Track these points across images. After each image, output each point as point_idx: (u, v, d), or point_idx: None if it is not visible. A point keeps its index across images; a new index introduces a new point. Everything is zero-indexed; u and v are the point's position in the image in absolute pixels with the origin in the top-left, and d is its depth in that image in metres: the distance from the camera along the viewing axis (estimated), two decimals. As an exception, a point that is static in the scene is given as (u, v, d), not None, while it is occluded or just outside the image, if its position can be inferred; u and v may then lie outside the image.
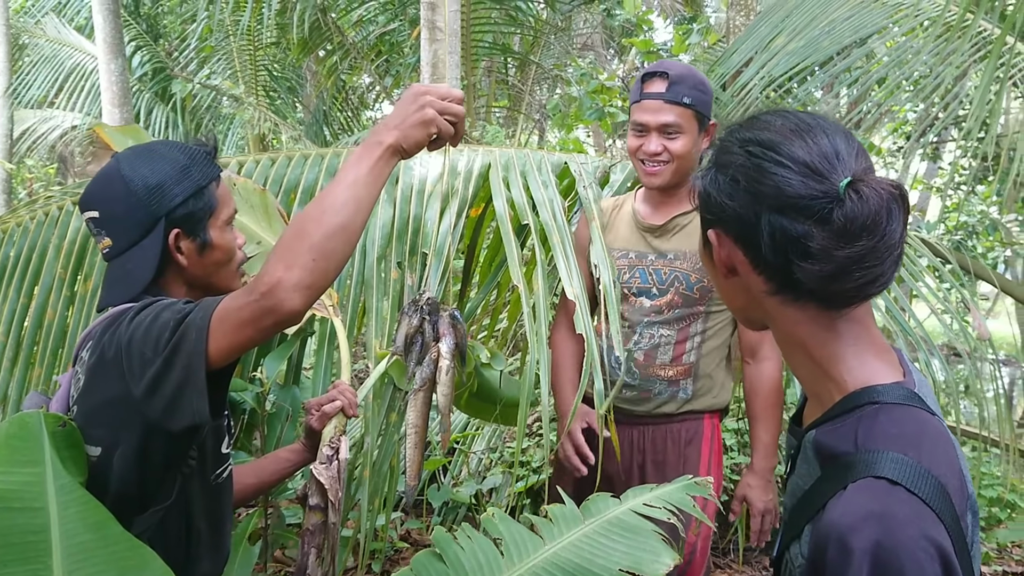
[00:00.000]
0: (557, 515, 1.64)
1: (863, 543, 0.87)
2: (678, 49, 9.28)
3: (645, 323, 2.42)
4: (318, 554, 2.06)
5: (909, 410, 0.99)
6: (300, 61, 8.66)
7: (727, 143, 1.08)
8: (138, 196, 1.51)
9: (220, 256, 1.60)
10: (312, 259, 1.31)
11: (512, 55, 8.61)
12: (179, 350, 1.35)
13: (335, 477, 2.04)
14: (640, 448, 2.45)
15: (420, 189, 2.57)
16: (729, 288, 1.12)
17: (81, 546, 1.32)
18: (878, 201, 0.95)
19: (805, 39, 5.10)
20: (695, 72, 2.36)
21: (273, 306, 1.30)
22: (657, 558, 1.50)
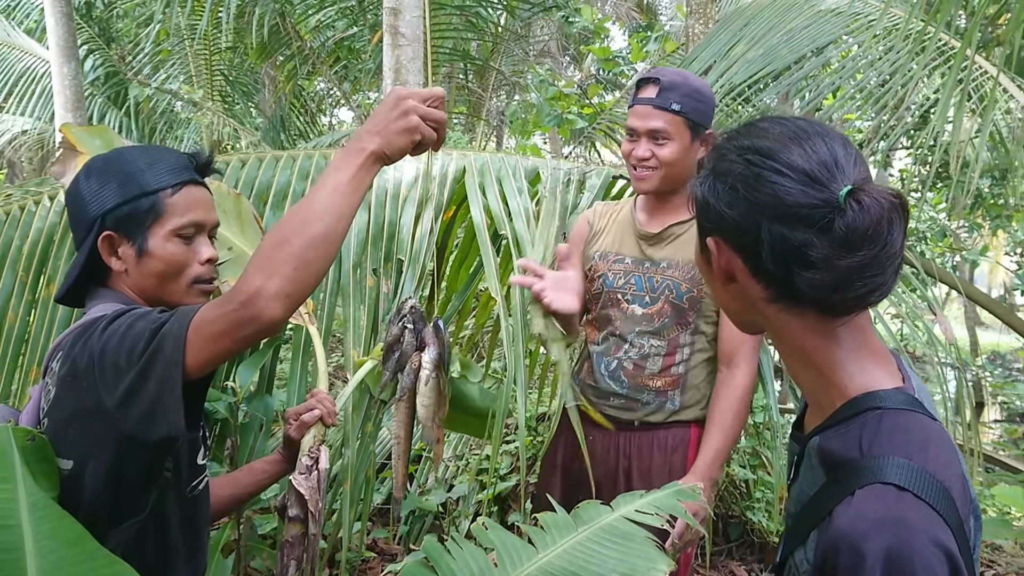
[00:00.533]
0: (549, 523, 1.63)
1: (875, 549, 0.88)
2: (635, 57, 9.36)
3: (636, 333, 2.41)
4: (298, 566, 2.03)
5: (912, 415, 1.00)
6: (258, 66, 8.56)
7: (724, 150, 1.08)
8: (83, 197, 1.52)
9: (159, 267, 1.52)
10: (293, 268, 1.28)
11: (472, 61, 8.60)
12: (154, 361, 1.32)
13: (315, 487, 2.01)
14: (626, 454, 2.44)
15: (395, 193, 2.55)
16: (727, 294, 1.12)
17: (57, 562, 1.27)
18: (879, 211, 0.95)
19: (764, 47, 5.15)
20: (691, 80, 2.33)
21: (252, 316, 1.27)
22: (652, 564, 1.50)
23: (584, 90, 9.55)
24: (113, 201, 1.50)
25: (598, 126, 8.79)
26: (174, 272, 1.54)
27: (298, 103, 8.88)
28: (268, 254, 1.29)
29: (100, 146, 2.28)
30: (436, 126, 1.42)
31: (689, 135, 2.32)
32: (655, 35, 9.36)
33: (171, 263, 1.53)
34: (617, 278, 2.46)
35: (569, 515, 1.66)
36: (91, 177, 1.53)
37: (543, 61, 10.67)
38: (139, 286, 1.54)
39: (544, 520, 1.64)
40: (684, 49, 7.14)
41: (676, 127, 2.30)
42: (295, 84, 8.35)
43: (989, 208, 8.33)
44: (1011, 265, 8.49)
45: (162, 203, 1.51)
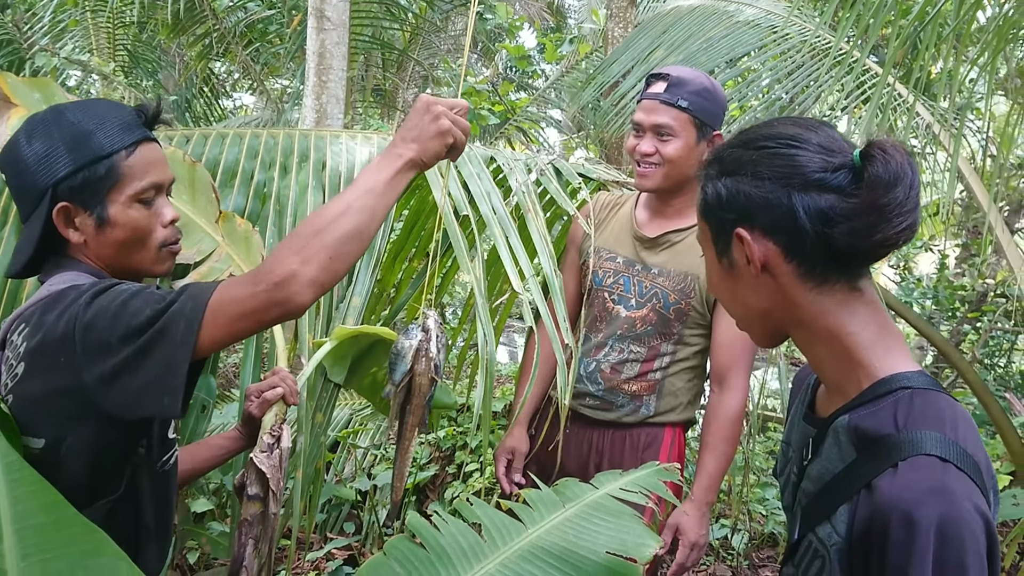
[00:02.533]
0: (535, 499, 1.65)
1: (928, 516, 0.93)
2: (550, 57, 9.48)
3: (617, 336, 2.40)
4: (255, 545, 1.99)
5: (939, 395, 1.08)
6: (169, 43, 8.28)
7: (724, 154, 1.16)
8: (27, 164, 1.41)
9: (122, 235, 1.44)
10: (328, 257, 1.31)
11: (391, 50, 8.53)
12: (159, 342, 1.28)
13: (276, 466, 1.98)
14: (598, 449, 2.45)
15: (348, 176, 2.52)
16: (758, 294, 1.15)
17: (35, 529, 1.20)
18: (899, 155, 1.04)
19: (684, 53, 5.27)
20: (702, 78, 2.30)
21: (285, 298, 1.28)
22: (642, 541, 1.54)
23: (496, 87, 9.60)
24: (65, 169, 1.40)
25: (511, 124, 8.87)
26: (139, 238, 1.46)
27: (208, 85, 8.61)
28: (305, 240, 1.30)
29: (39, 100, 2.10)
30: (463, 133, 1.48)
31: (695, 133, 2.29)
32: (570, 37, 9.49)
33: (135, 230, 1.45)
34: (606, 276, 2.44)
35: (553, 492, 1.68)
36: (33, 141, 1.41)
37: (457, 56, 10.67)
38: (102, 256, 1.46)
39: (530, 496, 1.65)
40: (603, 52, 7.25)
41: (681, 124, 2.27)
42: (206, 65, 8.10)
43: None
44: (895, 277, 8.91)
45: (119, 167, 1.42)
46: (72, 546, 1.21)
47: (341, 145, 2.60)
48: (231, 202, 2.39)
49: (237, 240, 2.17)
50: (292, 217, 2.42)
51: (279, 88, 10.22)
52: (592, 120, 9.39)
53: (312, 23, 5.19)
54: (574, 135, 12.17)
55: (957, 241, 9.08)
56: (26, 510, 1.21)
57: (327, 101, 5.28)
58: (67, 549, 1.20)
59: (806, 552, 1.13)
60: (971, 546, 0.94)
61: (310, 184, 2.46)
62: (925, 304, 7.49)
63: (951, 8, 3.32)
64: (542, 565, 1.48)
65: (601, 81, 6.06)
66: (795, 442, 1.28)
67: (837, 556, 1.05)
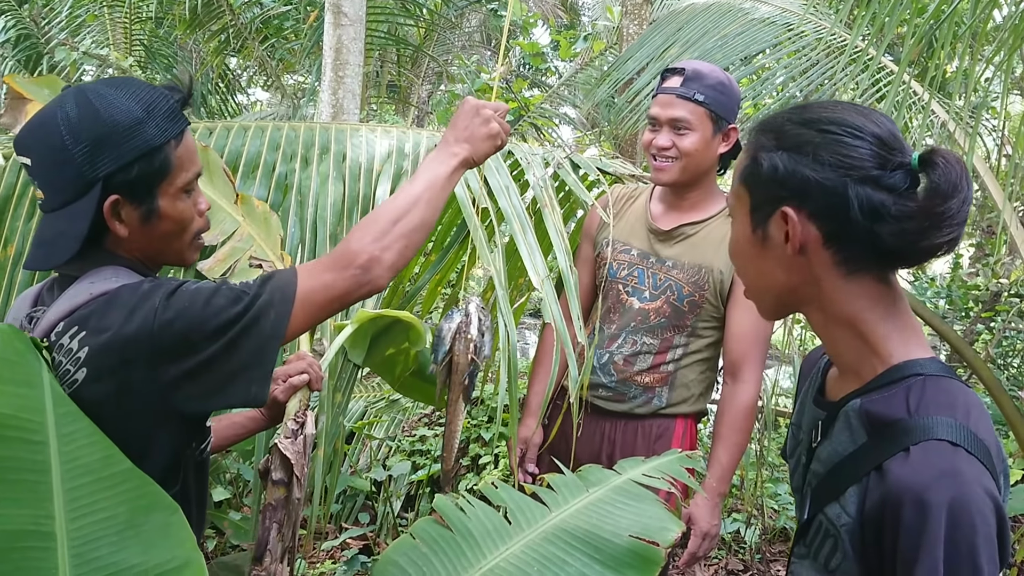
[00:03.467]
0: (558, 483, 1.68)
1: (940, 499, 0.96)
2: (564, 54, 9.49)
3: (631, 328, 2.42)
4: (279, 530, 2.02)
5: (951, 382, 1.10)
6: (185, 38, 8.32)
7: (783, 126, 1.15)
8: (72, 152, 1.31)
9: (169, 227, 1.41)
10: (404, 244, 1.41)
11: (407, 46, 8.56)
12: (248, 334, 1.30)
13: (300, 452, 2.01)
14: (611, 439, 2.47)
15: (368, 168, 2.55)
16: (784, 267, 1.16)
17: (87, 487, 1.19)
18: (959, 166, 1.05)
19: (699, 51, 5.27)
20: (717, 72, 2.32)
21: (370, 280, 1.37)
22: (664, 525, 1.57)
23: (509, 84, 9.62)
24: (118, 161, 1.32)
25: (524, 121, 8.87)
26: (181, 230, 1.44)
27: (224, 81, 8.65)
28: (383, 229, 1.39)
29: (48, 96, 2.13)
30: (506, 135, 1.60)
31: (711, 127, 2.31)
32: (584, 34, 9.50)
33: (180, 221, 1.42)
34: (620, 268, 2.45)
35: (576, 477, 1.71)
36: (79, 127, 1.32)
37: (470, 53, 10.69)
38: (143, 248, 1.43)
39: (553, 480, 1.69)
40: (617, 49, 7.26)
41: (698, 118, 2.29)
42: (222, 60, 8.15)
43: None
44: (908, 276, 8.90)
45: (171, 158, 1.37)
46: (124, 504, 1.21)
47: (361, 138, 2.63)
48: (253, 193, 2.42)
49: (257, 220, 2.21)
50: (313, 207, 2.45)
51: (294, 84, 10.27)
52: (606, 117, 9.41)
53: (329, 19, 5.23)
54: (588, 132, 12.18)
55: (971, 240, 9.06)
56: (81, 466, 1.19)
57: (343, 96, 5.31)
58: (119, 508, 1.20)
59: (817, 532, 1.16)
60: (981, 528, 0.96)
61: (331, 175, 2.50)
62: (939, 304, 7.49)
63: (967, 7, 3.33)
64: (565, 547, 1.51)
65: (616, 78, 6.07)
66: (805, 424, 1.30)
67: (848, 536, 1.08)
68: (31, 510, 1.15)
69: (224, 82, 8.65)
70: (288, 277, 1.35)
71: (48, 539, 1.15)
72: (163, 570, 1.19)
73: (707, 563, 4.33)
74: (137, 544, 1.19)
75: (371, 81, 8.05)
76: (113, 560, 1.17)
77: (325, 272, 1.36)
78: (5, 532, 1.12)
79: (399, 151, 2.62)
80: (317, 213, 2.44)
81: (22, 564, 1.13)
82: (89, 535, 1.17)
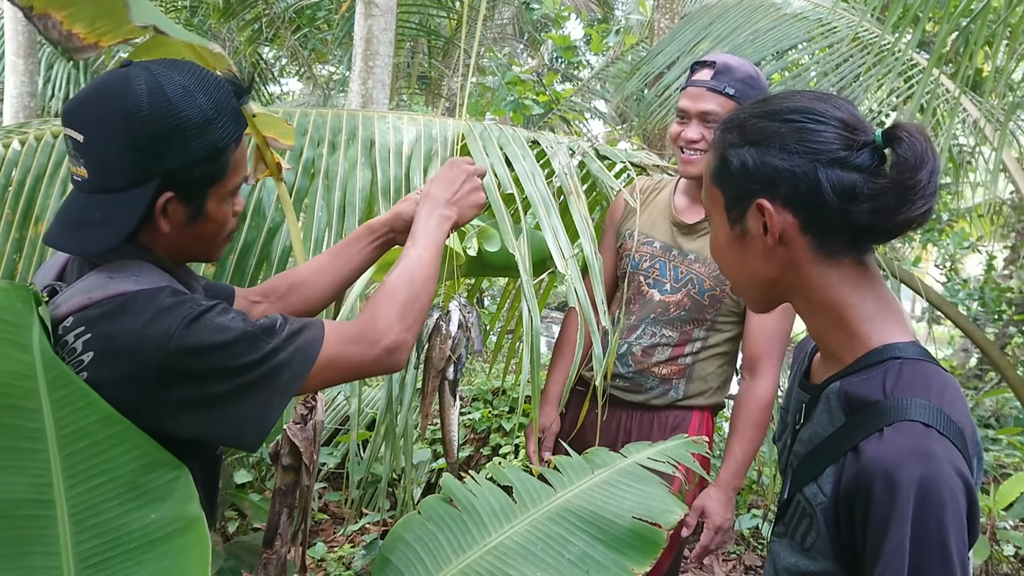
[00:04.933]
0: (565, 465, 1.70)
1: (909, 477, 0.97)
2: (596, 48, 9.48)
3: (650, 320, 2.42)
4: (289, 514, 2.05)
5: (928, 365, 1.11)
6: (219, 28, 8.41)
7: (745, 122, 1.16)
8: (137, 142, 1.24)
9: (211, 229, 1.38)
10: (420, 324, 1.44)
11: (438, 37, 8.59)
12: (260, 385, 1.25)
13: (309, 439, 2.04)
14: (627, 430, 2.47)
15: (397, 152, 2.56)
16: (765, 259, 1.17)
17: (84, 451, 1.16)
18: (924, 141, 1.06)
19: (730, 45, 5.24)
20: (747, 66, 2.31)
21: (394, 363, 1.37)
22: (667, 507, 1.58)
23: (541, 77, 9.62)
24: (180, 159, 1.27)
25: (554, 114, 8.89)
26: (220, 231, 1.41)
27: (256, 71, 8.74)
28: (405, 307, 1.40)
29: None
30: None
31: None
32: (616, 28, 9.48)
33: (222, 223, 1.39)
34: (643, 260, 2.45)
35: (582, 459, 1.73)
36: (148, 118, 1.24)
37: (501, 45, 10.70)
38: (175, 244, 1.37)
39: (560, 462, 1.70)
40: (649, 43, 7.24)
41: (727, 111, 2.23)
42: (255, 50, 8.23)
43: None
44: (940, 277, 8.80)
45: (228, 161, 1.33)
46: (124, 465, 1.18)
47: (388, 124, 2.65)
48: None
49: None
50: (341, 191, 2.46)
51: (326, 74, 10.34)
52: (635, 111, 9.38)
53: (360, 9, 5.26)
54: (618, 126, 12.15)
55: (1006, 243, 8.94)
56: (77, 430, 1.16)
57: (373, 86, 5.34)
58: (120, 470, 1.17)
59: (795, 511, 1.17)
60: (950, 506, 0.97)
61: (359, 160, 2.51)
62: (971, 306, 7.41)
63: (1001, 3, 3.29)
64: (569, 527, 1.53)
65: (646, 72, 6.06)
66: (791, 408, 1.31)
67: (823, 515, 1.09)
68: (30, 478, 1.12)
69: (257, 71, 8.73)
70: (315, 337, 1.31)
71: (48, 507, 1.13)
72: (166, 531, 1.17)
73: (725, 558, 4.32)
74: (139, 506, 1.17)
75: (401, 72, 8.08)
76: (115, 525, 1.16)
77: (352, 344, 1.34)
78: (7, 500, 1.11)
79: (427, 136, 2.63)
80: (346, 198, 2.46)
81: (23, 533, 1.11)
82: (89, 500, 1.15)
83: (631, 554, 1.51)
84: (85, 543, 1.15)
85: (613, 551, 1.51)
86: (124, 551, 1.16)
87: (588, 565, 1.49)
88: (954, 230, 9.01)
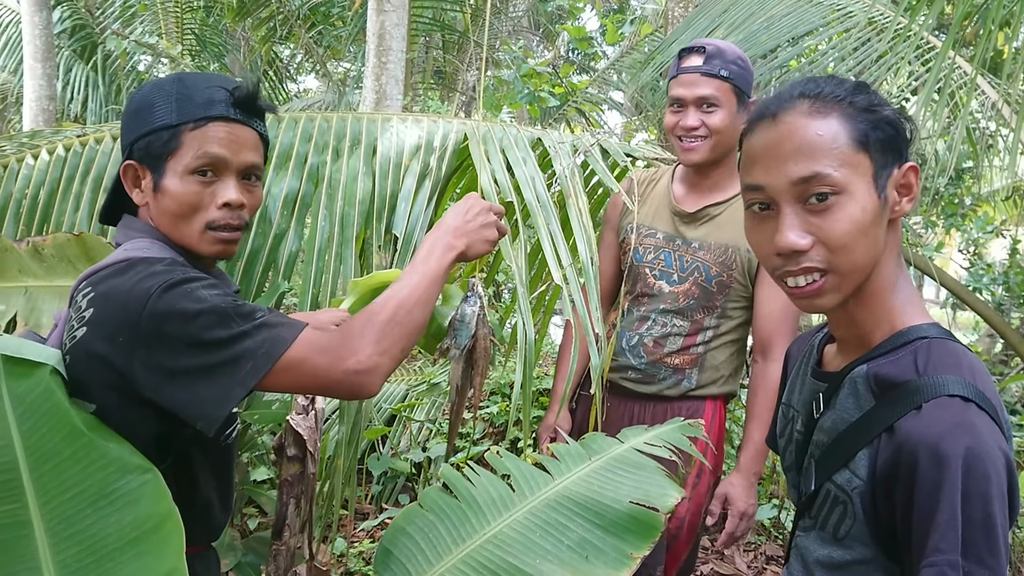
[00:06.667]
0: (562, 452, 1.69)
1: (956, 449, 0.97)
2: (611, 39, 9.43)
3: (660, 310, 2.41)
4: (296, 504, 2.06)
5: (954, 344, 1.11)
6: (234, 26, 8.46)
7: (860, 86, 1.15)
8: (126, 119, 1.50)
9: (172, 206, 1.45)
10: (400, 349, 1.36)
11: (452, 31, 8.59)
12: (220, 371, 1.28)
13: (312, 427, 2.05)
14: (640, 422, 2.43)
15: (397, 162, 2.55)
16: (884, 233, 1.14)
17: (54, 469, 1.23)
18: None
19: (744, 33, 5.21)
20: (734, 48, 2.33)
21: (360, 385, 1.32)
22: (664, 491, 1.58)
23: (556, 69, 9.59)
24: (140, 130, 1.45)
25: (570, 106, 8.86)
26: (186, 213, 1.45)
27: (272, 68, 8.79)
28: (383, 330, 1.35)
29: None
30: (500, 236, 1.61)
31: (736, 102, 2.30)
32: (631, 17, 9.42)
33: (182, 203, 1.45)
34: (647, 252, 2.44)
35: (579, 445, 1.72)
36: (139, 100, 1.49)
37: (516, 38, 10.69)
38: (158, 224, 1.48)
39: (557, 450, 1.70)
40: (663, 32, 7.20)
41: (724, 94, 2.28)
42: (270, 48, 8.26)
43: (946, 206, 8.57)
44: (964, 262, 8.70)
45: (179, 137, 1.44)
46: (93, 475, 1.24)
47: (392, 129, 2.63)
48: (285, 185, 2.45)
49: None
50: (342, 201, 2.45)
51: (342, 71, 10.37)
52: (650, 101, 9.34)
53: (372, 4, 5.26)
54: (634, 117, 12.10)
55: (1030, 225, 8.82)
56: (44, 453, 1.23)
57: (386, 82, 5.34)
58: (88, 480, 1.23)
59: (825, 501, 1.16)
60: (995, 478, 0.97)
61: (360, 170, 2.50)
62: (996, 291, 7.31)
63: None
64: (567, 513, 1.53)
65: (661, 61, 6.02)
66: (801, 401, 1.30)
67: (860, 499, 1.09)
68: (6, 506, 1.20)
69: (273, 69, 8.77)
70: (285, 336, 1.32)
71: (25, 527, 1.19)
72: (142, 530, 1.22)
73: (746, 548, 4.30)
74: (113, 511, 1.22)
75: (416, 67, 8.09)
76: (91, 532, 1.21)
77: (319, 354, 1.32)
78: None
79: (427, 145, 2.61)
80: (345, 209, 2.45)
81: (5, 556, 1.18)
82: (63, 513, 1.20)
83: (629, 538, 1.51)
84: (64, 551, 1.21)
85: (611, 536, 1.51)
86: (103, 554, 1.21)
87: (587, 550, 1.50)
88: (977, 214, 8.90)
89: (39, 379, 1.27)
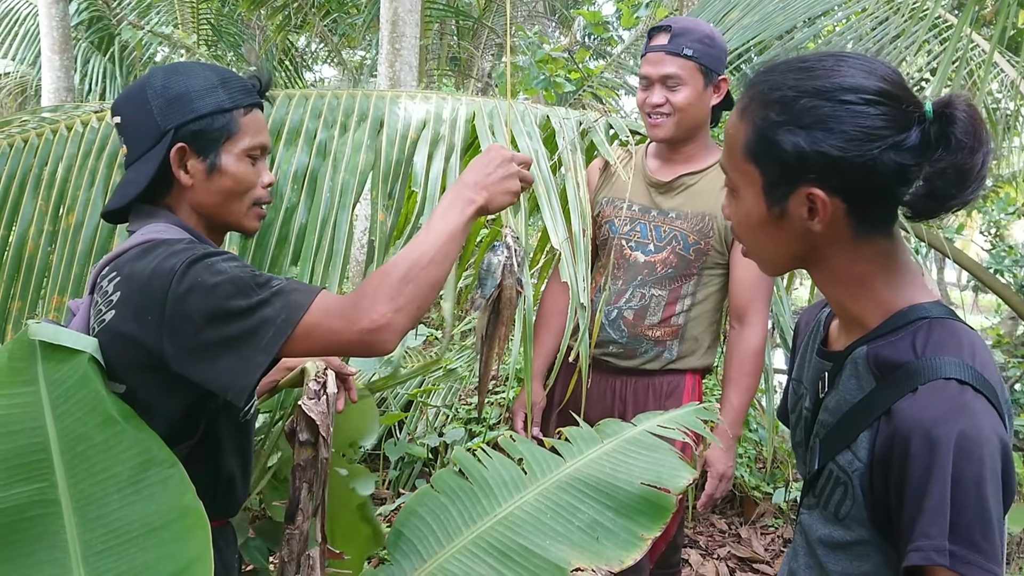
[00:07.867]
0: (575, 435, 1.70)
1: (948, 433, 0.96)
2: (627, 23, 9.37)
3: (638, 281, 2.45)
4: (309, 488, 2.07)
5: (955, 324, 1.10)
6: (249, 15, 8.48)
7: (795, 100, 1.06)
8: (153, 106, 1.50)
9: (229, 185, 1.54)
10: (417, 306, 1.37)
11: (467, 17, 8.56)
12: (243, 341, 1.33)
13: (324, 412, 2.06)
14: (622, 397, 2.51)
15: (404, 133, 2.57)
16: (800, 239, 1.13)
17: (84, 454, 1.28)
18: (977, 118, 1.02)
19: (759, 14, 5.16)
20: (703, 26, 2.37)
21: (376, 343, 1.34)
22: (676, 472, 1.58)
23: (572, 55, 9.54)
24: (189, 115, 1.50)
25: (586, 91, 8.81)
26: (242, 191, 1.55)
27: (287, 57, 8.80)
28: (398, 287, 1.36)
29: None
30: (526, 187, 1.58)
31: (702, 80, 2.35)
32: (646, 1, 9.36)
33: (241, 181, 1.54)
34: (623, 224, 2.48)
35: (593, 430, 1.73)
36: (160, 88, 1.52)
37: (532, 24, 10.64)
38: (202, 203, 1.54)
39: (569, 433, 1.71)
40: (678, 15, 7.14)
41: (689, 72, 2.34)
42: (285, 37, 8.27)
43: (966, 187, 8.48)
44: (985, 244, 8.62)
45: (236, 122, 1.53)
46: (123, 463, 1.29)
47: (400, 104, 2.65)
48: (295, 160, 2.46)
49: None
50: (345, 172, 2.48)
51: (357, 59, 10.36)
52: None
53: (386, -10, 5.25)
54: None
55: (1053, 206, 8.70)
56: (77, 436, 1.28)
57: (400, 69, 5.33)
58: (118, 467, 1.28)
59: (827, 481, 1.15)
60: (988, 462, 0.96)
61: (364, 143, 2.52)
62: (1018, 273, 7.25)
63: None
64: (578, 495, 1.54)
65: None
66: (808, 378, 1.29)
67: (859, 481, 1.08)
68: (35, 484, 1.26)
69: (288, 58, 8.78)
70: (301, 302, 1.35)
71: (52, 505, 1.24)
72: (165, 520, 1.26)
73: (764, 531, 4.30)
74: (139, 499, 1.26)
75: (431, 54, 8.08)
76: (117, 516, 1.26)
77: (333, 317, 1.35)
78: (13, 507, 1.23)
79: (436, 117, 2.63)
80: (345, 178, 2.47)
81: (30, 533, 1.22)
82: (92, 495, 1.25)
83: (640, 519, 1.51)
84: (90, 532, 1.26)
85: (623, 517, 1.52)
86: (128, 538, 1.26)
87: (598, 532, 1.51)
88: (999, 196, 8.81)
89: (77, 366, 1.32)
